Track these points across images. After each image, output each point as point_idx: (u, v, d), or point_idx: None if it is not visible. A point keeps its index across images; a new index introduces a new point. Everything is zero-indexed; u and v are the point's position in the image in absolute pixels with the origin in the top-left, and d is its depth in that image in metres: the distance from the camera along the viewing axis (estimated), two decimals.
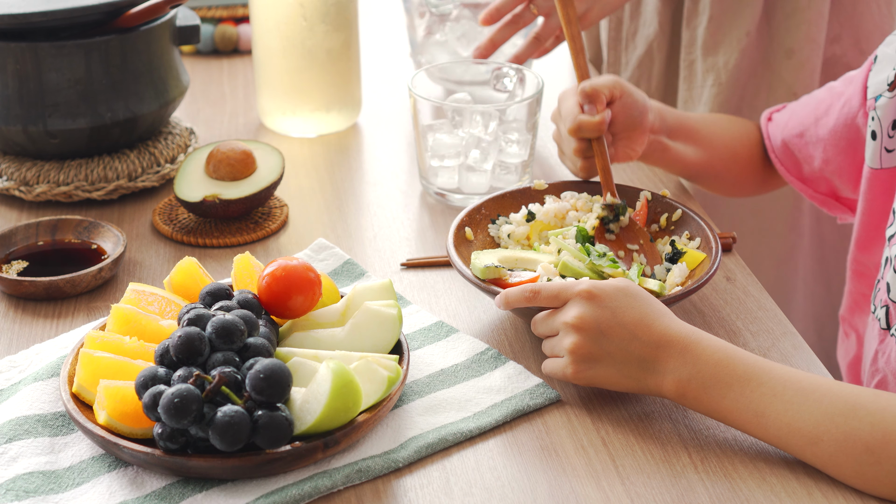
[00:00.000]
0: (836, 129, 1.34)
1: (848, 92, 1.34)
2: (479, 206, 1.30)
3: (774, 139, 1.43)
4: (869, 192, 1.29)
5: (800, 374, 1.01)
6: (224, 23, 1.90)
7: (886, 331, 1.20)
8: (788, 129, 1.41)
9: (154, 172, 1.46)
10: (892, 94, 1.24)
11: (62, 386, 1.05)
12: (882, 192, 1.28)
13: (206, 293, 1.09)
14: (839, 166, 1.36)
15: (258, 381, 0.96)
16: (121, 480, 0.99)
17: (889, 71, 1.26)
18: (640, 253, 1.26)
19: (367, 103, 1.74)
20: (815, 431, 0.98)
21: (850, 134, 1.33)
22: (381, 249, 1.36)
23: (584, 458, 1.03)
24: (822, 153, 1.37)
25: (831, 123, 1.35)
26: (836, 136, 1.35)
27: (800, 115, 1.40)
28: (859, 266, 1.35)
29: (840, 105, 1.34)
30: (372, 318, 1.09)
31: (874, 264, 1.32)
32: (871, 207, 1.30)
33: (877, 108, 1.26)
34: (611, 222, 1.28)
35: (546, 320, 1.09)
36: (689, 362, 1.02)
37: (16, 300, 1.26)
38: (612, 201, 1.29)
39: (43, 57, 1.38)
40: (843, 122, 1.34)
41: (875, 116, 1.26)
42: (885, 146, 1.25)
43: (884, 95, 1.25)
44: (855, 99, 1.32)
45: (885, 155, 1.26)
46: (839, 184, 1.39)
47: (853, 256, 1.35)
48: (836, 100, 1.35)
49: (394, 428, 1.05)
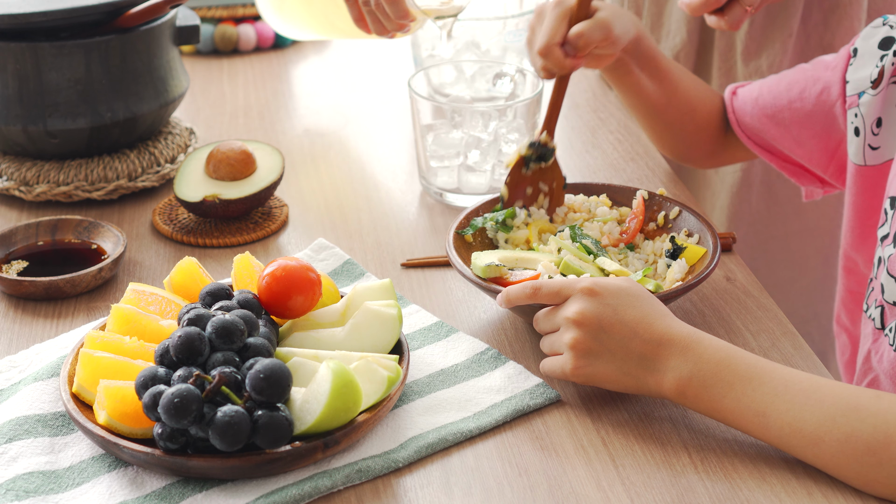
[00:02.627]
0: (811, 114, 1.35)
1: (825, 78, 1.34)
2: (479, 207, 1.30)
3: (741, 114, 1.43)
4: (855, 187, 1.29)
5: (801, 375, 1.01)
6: (224, 23, 1.90)
7: (881, 330, 1.20)
8: (759, 108, 1.41)
9: (154, 172, 1.46)
10: (875, 91, 1.24)
11: (62, 386, 1.05)
12: (867, 189, 1.28)
13: (206, 293, 1.09)
14: (811, 149, 1.37)
15: (258, 381, 0.96)
16: (121, 480, 0.99)
17: (871, 68, 1.26)
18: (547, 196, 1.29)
19: (367, 103, 1.74)
20: (816, 432, 0.98)
21: (826, 120, 1.34)
22: (381, 249, 1.36)
23: (584, 458, 1.03)
24: (795, 135, 1.37)
25: (807, 108, 1.35)
26: (812, 121, 1.35)
27: (771, 94, 1.40)
28: (849, 262, 1.35)
29: (817, 90, 1.34)
30: (372, 318, 1.09)
31: (864, 261, 1.32)
32: (857, 203, 1.30)
33: (860, 104, 1.26)
34: (532, 162, 1.30)
35: (548, 316, 1.09)
36: (690, 361, 1.02)
37: (16, 300, 1.26)
38: (545, 140, 1.30)
39: (43, 57, 1.38)
40: (819, 108, 1.34)
41: (858, 113, 1.26)
42: (870, 143, 1.26)
43: (867, 93, 1.25)
44: (834, 88, 1.32)
45: (869, 152, 1.26)
46: (809, 165, 1.39)
47: (844, 253, 1.36)
48: (812, 84, 1.35)
49: (394, 428, 1.05)
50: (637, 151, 1.58)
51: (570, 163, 1.57)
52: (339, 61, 1.90)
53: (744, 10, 1.31)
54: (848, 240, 1.34)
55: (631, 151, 1.58)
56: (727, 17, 1.33)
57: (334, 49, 1.94)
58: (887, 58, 1.24)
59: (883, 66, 1.24)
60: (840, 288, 1.39)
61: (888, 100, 1.24)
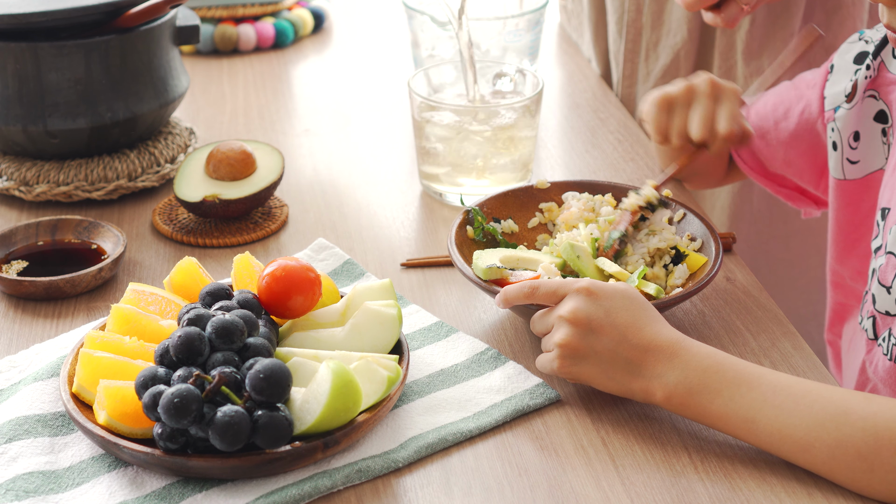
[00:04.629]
0: (796, 133, 1.35)
1: (807, 96, 1.34)
2: (481, 205, 1.30)
3: None
4: (836, 202, 1.30)
5: (791, 380, 1.01)
6: (224, 23, 1.90)
7: (874, 341, 1.20)
8: None
9: (154, 172, 1.46)
10: (850, 105, 1.25)
11: (62, 386, 1.05)
12: (849, 203, 1.28)
13: (206, 293, 1.09)
14: (800, 168, 1.38)
15: (258, 381, 0.96)
16: (121, 480, 0.99)
17: (846, 82, 1.26)
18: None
19: (367, 103, 1.74)
20: (806, 438, 0.98)
21: (811, 137, 1.34)
22: (381, 249, 1.36)
23: (584, 458, 1.03)
24: (783, 154, 1.38)
25: (791, 127, 1.36)
26: (797, 139, 1.36)
27: (758, 116, 1.40)
28: (836, 277, 1.35)
29: (799, 109, 1.35)
30: (372, 318, 1.09)
31: (850, 275, 1.32)
32: (840, 217, 1.30)
33: (836, 119, 1.26)
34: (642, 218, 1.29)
35: (543, 317, 1.09)
36: (677, 367, 1.02)
37: (16, 300, 1.26)
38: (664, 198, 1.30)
39: (43, 57, 1.38)
40: (803, 127, 1.35)
41: (835, 128, 1.27)
42: (848, 157, 1.26)
43: (842, 107, 1.26)
44: (814, 105, 1.33)
45: (848, 166, 1.26)
46: (801, 182, 1.40)
47: (830, 267, 1.35)
48: (795, 103, 1.36)
49: (394, 428, 1.05)
50: (637, 151, 1.58)
51: (570, 163, 1.57)
52: (339, 61, 1.90)
53: (740, 8, 1.31)
54: (833, 254, 1.34)
55: (631, 151, 1.58)
56: (723, 14, 1.32)
57: (334, 49, 1.94)
58: (860, 72, 1.25)
59: (856, 80, 1.25)
60: (830, 301, 1.39)
61: (864, 113, 1.24)
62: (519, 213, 1.33)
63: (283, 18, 1.94)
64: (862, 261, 1.29)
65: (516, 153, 1.44)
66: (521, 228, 1.32)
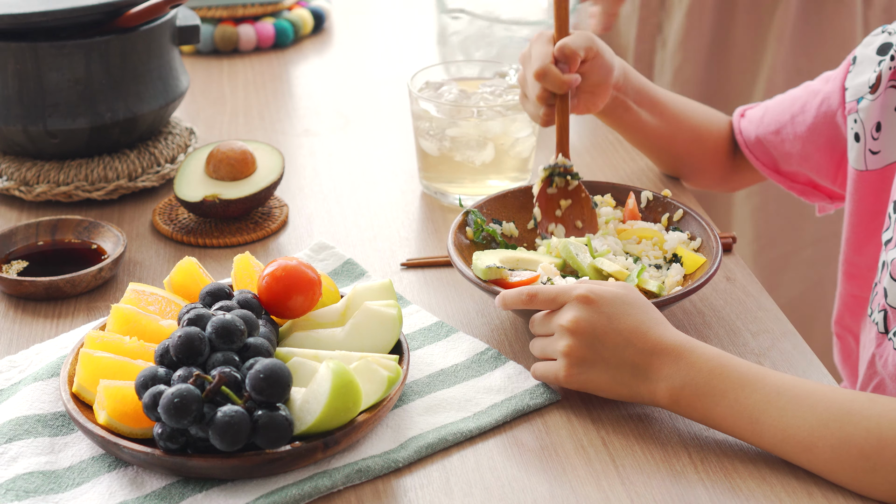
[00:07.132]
0: (814, 127, 1.35)
1: (825, 90, 1.34)
2: (480, 206, 1.30)
3: (748, 135, 1.43)
4: (856, 193, 1.29)
5: (794, 381, 1.01)
6: (224, 23, 1.90)
7: (884, 335, 1.20)
8: (763, 126, 1.41)
9: (154, 172, 1.46)
10: (874, 96, 1.25)
11: (62, 386, 1.05)
12: (869, 194, 1.28)
13: (206, 293, 1.09)
14: (818, 162, 1.37)
15: (258, 381, 0.96)
16: (121, 480, 0.99)
17: (870, 73, 1.26)
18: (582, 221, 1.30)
19: (367, 103, 1.74)
20: (809, 438, 0.98)
21: (830, 131, 1.34)
22: (381, 249, 1.36)
23: (584, 458, 1.03)
24: (800, 149, 1.38)
25: (809, 121, 1.35)
26: (815, 133, 1.35)
27: (775, 111, 1.41)
28: (851, 267, 1.35)
29: (817, 102, 1.35)
30: (372, 318, 1.09)
31: (866, 266, 1.32)
32: (859, 209, 1.30)
33: (859, 110, 1.26)
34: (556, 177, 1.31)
35: (543, 321, 1.09)
36: (683, 370, 1.02)
37: (16, 300, 1.26)
38: (563, 162, 1.31)
39: (43, 57, 1.38)
40: (822, 120, 1.34)
41: (858, 119, 1.27)
42: (870, 148, 1.26)
43: (866, 98, 1.26)
44: (833, 97, 1.32)
45: (870, 157, 1.26)
46: (817, 178, 1.40)
47: (845, 258, 1.35)
48: (812, 97, 1.36)
49: (394, 428, 1.05)
50: (637, 151, 1.58)
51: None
52: (339, 61, 1.90)
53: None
54: (850, 245, 1.34)
55: (631, 151, 1.59)
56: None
57: (334, 49, 1.95)
58: (885, 62, 1.25)
59: (881, 71, 1.25)
60: (842, 292, 1.39)
61: (887, 104, 1.25)
62: (518, 213, 1.33)
63: (283, 18, 1.94)
64: (880, 250, 1.29)
65: (516, 153, 1.44)
66: (521, 230, 1.32)
